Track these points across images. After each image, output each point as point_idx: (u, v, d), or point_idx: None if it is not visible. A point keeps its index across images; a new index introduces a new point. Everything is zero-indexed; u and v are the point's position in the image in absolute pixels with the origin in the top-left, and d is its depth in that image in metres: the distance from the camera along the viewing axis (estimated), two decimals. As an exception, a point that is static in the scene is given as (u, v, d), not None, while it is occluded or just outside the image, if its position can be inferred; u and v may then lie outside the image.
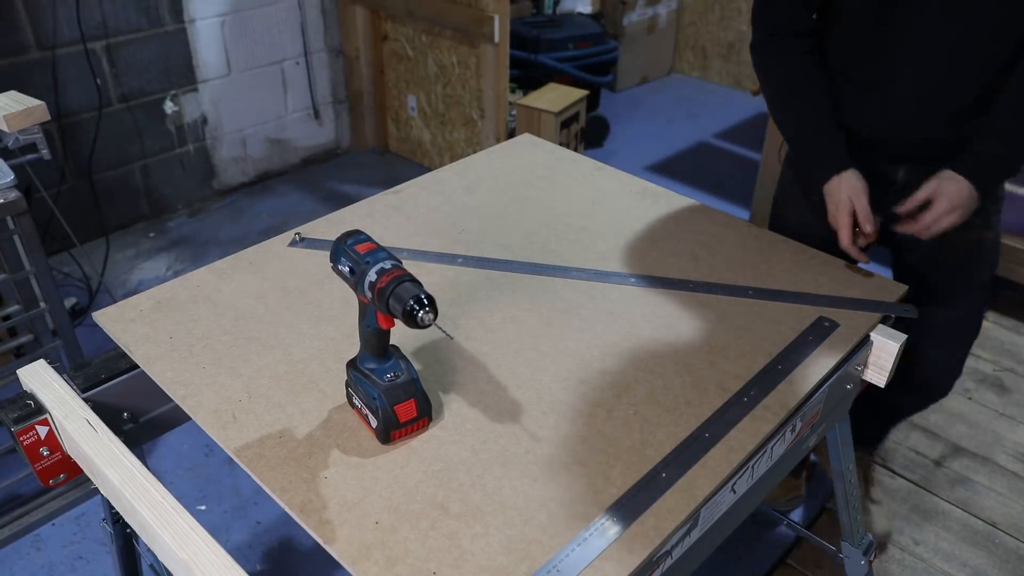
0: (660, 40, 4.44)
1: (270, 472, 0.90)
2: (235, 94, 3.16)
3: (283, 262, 1.27)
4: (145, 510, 0.84)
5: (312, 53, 3.34)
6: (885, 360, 1.17)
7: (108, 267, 2.81)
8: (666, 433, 0.97)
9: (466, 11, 2.90)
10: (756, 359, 1.09)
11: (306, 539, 1.85)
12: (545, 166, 1.58)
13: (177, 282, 1.22)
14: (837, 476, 1.34)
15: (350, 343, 1.09)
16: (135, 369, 1.07)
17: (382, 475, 0.90)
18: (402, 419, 0.92)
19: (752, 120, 4.05)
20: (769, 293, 1.23)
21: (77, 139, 2.78)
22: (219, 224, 3.12)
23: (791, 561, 1.84)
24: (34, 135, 1.64)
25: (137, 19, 2.78)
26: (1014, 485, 2.03)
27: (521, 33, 3.52)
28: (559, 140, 3.18)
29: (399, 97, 3.48)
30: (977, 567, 1.83)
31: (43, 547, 1.84)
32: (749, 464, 0.97)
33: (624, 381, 1.05)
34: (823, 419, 1.15)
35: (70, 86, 2.70)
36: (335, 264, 0.93)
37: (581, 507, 0.87)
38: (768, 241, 1.36)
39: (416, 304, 0.84)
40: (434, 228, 1.37)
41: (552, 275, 1.26)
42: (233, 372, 1.04)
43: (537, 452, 0.93)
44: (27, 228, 1.65)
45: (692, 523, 0.90)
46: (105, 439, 0.93)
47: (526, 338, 1.12)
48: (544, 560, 0.81)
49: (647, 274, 1.26)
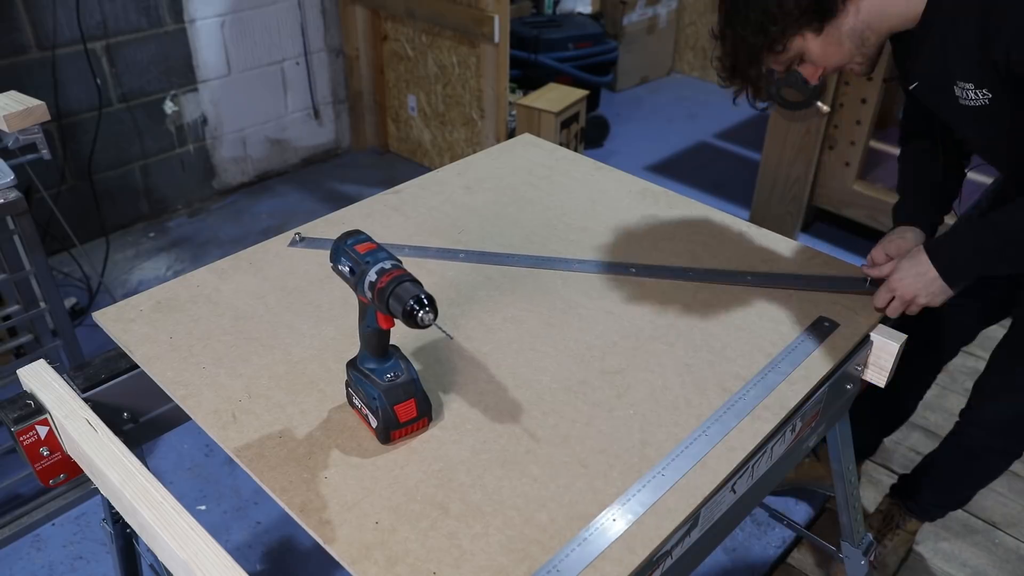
0: (660, 40, 4.44)
1: (270, 472, 0.90)
2: (235, 94, 3.16)
3: (283, 262, 1.27)
4: (145, 510, 0.84)
5: (312, 53, 3.34)
6: (885, 360, 1.17)
7: (108, 267, 2.81)
8: (666, 433, 0.97)
9: (466, 11, 2.90)
10: (756, 359, 1.09)
11: (306, 539, 1.85)
12: (545, 166, 1.58)
13: (177, 282, 1.22)
14: (837, 476, 1.34)
15: (350, 343, 1.09)
16: (135, 369, 1.07)
17: (382, 475, 0.90)
18: (402, 419, 0.92)
19: (752, 120, 4.04)
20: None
21: (77, 139, 2.78)
22: (219, 224, 3.12)
23: (791, 561, 1.84)
24: (34, 135, 1.64)
25: (137, 19, 2.78)
26: (1014, 485, 2.03)
27: (521, 33, 3.52)
28: (559, 140, 3.18)
29: (399, 97, 3.48)
30: (977, 567, 1.83)
31: (43, 547, 1.84)
32: (749, 464, 0.97)
33: (624, 381, 1.05)
34: (823, 419, 1.15)
35: (70, 86, 2.70)
36: (335, 264, 0.93)
37: (581, 507, 0.87)
38: (768, 241, 1.36)
39: (416, 304, 0.84)
40: (434, 228, 1.37)
41: (553, 268, 1.26)
42: (233, 372, 1.04)
43: (537, 452, 0.93)
44: (27, 228, 1.65)
45: (692, 523, 0.90)
46: (105, 439, 0.93)
47: (526, 338, 1.12)
48: (544, 560, 0.81)
49: (647, 273, 1.26)
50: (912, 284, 1.18)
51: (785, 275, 1.26)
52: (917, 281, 1.17)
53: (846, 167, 2.81)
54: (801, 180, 2.86)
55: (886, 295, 1.20)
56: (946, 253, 1.17)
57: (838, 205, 2.90)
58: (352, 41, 3.39)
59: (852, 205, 2.85)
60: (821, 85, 2.62)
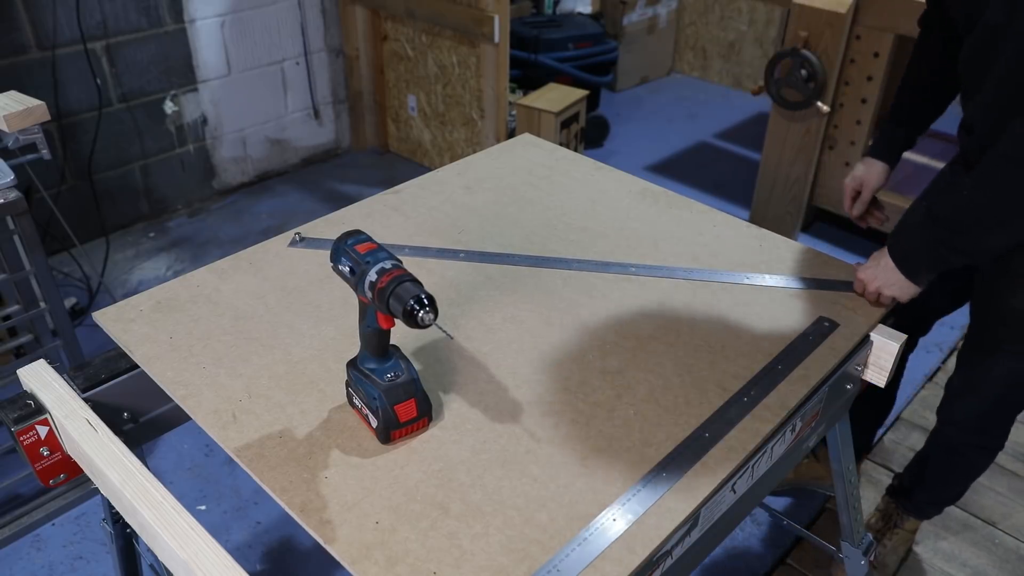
0: (660, 40, 4.44)
1: (270, 472, 0.90)
2: (235, 94, 3.16)
3: (283, 262, 1.27)
4: (145, 510, 0.84)
5: (312, 53, 3.34)
6: (885, 360, 1.17)
7: (108, 267, 2.81)
8: (666, 433, 0.97)
9: (466, 11, 2.90)
10: (756, 359, 1.09)
11: (306, 539, 1.85)
12: (545, 166, 1.58)
13: (177, 282, 1.22)
14: (837, 476, 1.34)
15: (350, 343, 1.09)
16: (135, 369, 1.07)
17: (382, 475, 0.90)
18: (402, 419, 0.93)
19: (752, 120, 4.05)
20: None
21: (77, 139, 2.78)
22: (219, 224, 3.12)
23: (791, 561, 1.84)
24: (34, 135, 1.64)
25: (137, 19, 2.78)
26: (1014, 485, 2.03)
27: (521, 33, 3.52)
28: (559, 140, 3.18)
29: (399, 97, 3.48)
30: (977, 567, 1.83)
31: (43, 547, 1.84)
32: (749, 464, 0.97)
33: (624, 381, 1.05)
34: (823, 419, 1.15)
35: (70, 86, 2.70)
36: (335, 264, 0.93)
37: (581, 507, 0.87)
38: (768, 241, 1.36)
39: (416, 304, 0.84)
40: (434, 228, 1.38)
41: (553, 267, 1.26)
42: (233, 372, 1.04)
43: (537, 452, 0.93)
44: (27, 228, 1.65)
45: (692, 523, 0.90)
46: (105, 439, 0.93)
47: (526, 338, 1.12)
48: (544, 560, 0.81)
49: (647, 273, 1.26)
50: (876, 278, 1.20)
51: (785, 275, 1.27)
52: (880, 275, 1.20)
53: (846, 167, 2.81)
54: (801, 180, 2.86)
55: (858, 286, 1.23)
56: (900, 249, 1.20)
57: (838, 205, 2.90)
58: (352, 41, 3.39)
59: (852, 205, 2.85)
60: (821, 85, 2.62)
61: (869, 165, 1.55)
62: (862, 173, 1.56)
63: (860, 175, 1.56)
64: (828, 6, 2.53)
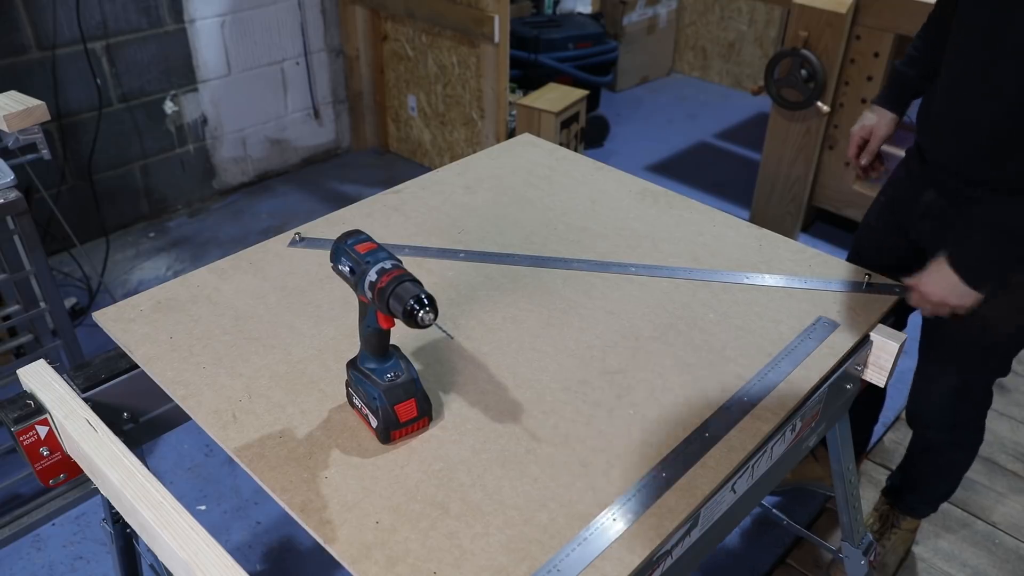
0: (660, 40, 4.44)
1: (270, 472, 0.90)
2: (235, 94, 3.16)
3: (283, 262, 1.27)
4: (145, 510, 0.84)
5: (312, 53, 3.34)
6: (885, 360, 1.17)
7: (108, 267, 2.81)
8: (666, 433, 0.97)
9: (466, 11, 2.90)
10: (756, 359, 1.09)
11: (306, 539, 1.85)
12: (545, 166, 1.58)
13: (177, 282, 1.22)
14: (837, 476, 1.34)
15: (350, 343, 1.09)
16: (135, 369, 1.07)
17: (382, 475, 0.90)
18: (402, 419, 0.93)
19: (752, 120, 4.05)
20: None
21: (77, 139, 2.78)
22: (219, 224, 3.12)
23: (791, 561, 1.84)
24: (34, 135, 1.64)
25: (137, 19, 2.78)
26: (1014, 485, 2.03)
27: (521, 33, 3.52)
28: (559, 140, 3.18)
29: (399, 97, 3.48)
30: (977, 567, 1.83)
31: (43, 547, 1.84)
32: (749, 464, 0.97)
33: (624, 381, 1.05)
34: (823, 419, 1.15)
35: (70, 86, 2.70)
36: (335, 264, 0.93)
37: (581, 507, 0.87)
38: (768, 241, 1.36)
39: (416, 304, 0.84)
40: (434, 228, 1.38)
41: (553, 267, 1.26)
42: (233, 372, 1.04)
43: (537, 452, 0.93)
44: (27, 228, 1.65)
45: (692, 523, 0.90)
46: (105, 439, 0.93)
47: (526, 338, 1.12)
48: (544, 560, 0.81)
49: (647, 273, 1.26)
50: (938, 290, 1.22)
51: (785, 275, 1.27)
52: (943, 289, 1.22)
53: (846, 167, 2.81)
54: (801, 180, 2.86)
55: (917, 299, 1.24)
56: (965, 262, 1.21)
57: (838, 205, 2.90)
58: (352, 41, 3.39)
59: (852, 205, 2.85)
60: (821, 85, 2.62)
61: (879, 114, 1.50)
62: (872, 122, 1.50)
63: (870, 124, 1.51)
64: (828, 6, 2.53)
